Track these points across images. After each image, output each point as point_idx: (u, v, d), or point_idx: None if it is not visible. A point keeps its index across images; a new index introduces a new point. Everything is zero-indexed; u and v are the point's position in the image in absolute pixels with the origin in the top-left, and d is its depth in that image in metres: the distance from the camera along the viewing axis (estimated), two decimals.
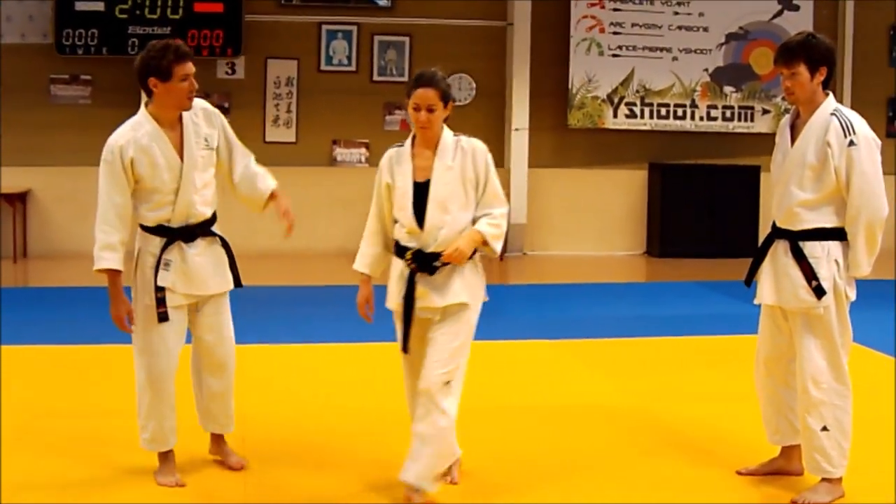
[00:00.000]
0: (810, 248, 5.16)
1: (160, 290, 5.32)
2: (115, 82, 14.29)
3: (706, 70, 15.27)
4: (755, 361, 5.58)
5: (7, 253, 13.55)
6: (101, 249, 5.25)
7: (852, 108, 5.33)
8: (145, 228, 5.41)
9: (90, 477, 5.48)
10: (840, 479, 5.26)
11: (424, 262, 5.11)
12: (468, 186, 5.22)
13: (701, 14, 15.20)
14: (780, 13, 15.41)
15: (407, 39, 14.95)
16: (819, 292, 5.13)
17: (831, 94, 5.25)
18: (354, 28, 14.82)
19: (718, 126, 15.27)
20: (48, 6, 14.04)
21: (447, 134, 5.38)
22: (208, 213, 5.48)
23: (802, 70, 5.15)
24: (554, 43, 15.02)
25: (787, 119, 5.39)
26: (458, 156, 5.27)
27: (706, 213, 14.87)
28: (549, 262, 14.62)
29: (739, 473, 5.61)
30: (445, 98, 5.34)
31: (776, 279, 5.29)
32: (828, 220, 5.16)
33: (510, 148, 14.99)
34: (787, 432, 5.49)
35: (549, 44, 14.99)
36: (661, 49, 15.14)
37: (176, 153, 5.34)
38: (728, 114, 15.32)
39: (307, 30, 14.66)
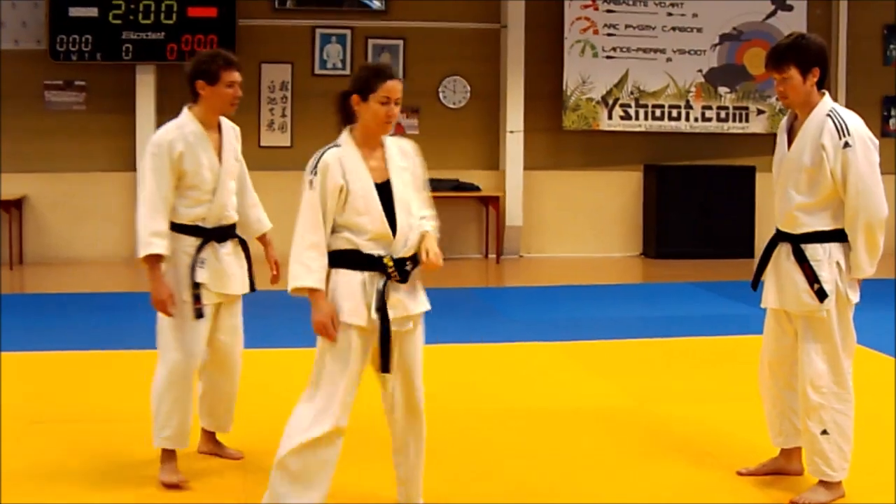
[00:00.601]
0: (811, 251, 5.14)
1: (197, 287, 5.48)
2: (109, 88, 14.30)
3: (700, 71, 15.29)
4: (759, 363, 5.54)
5: (3, 259, 13.53)
6: (151, 236, 5.37)
7: (847, 107, 5.31)
8: (179, 228, 5.53)
9: (88, 481, 5.47)
10: (840, 481, 5.24)
11: (402, 270, 4.76)
12: (417, 187, 4.97)
13: (695, 15, 15.22)
14: (773, 13, 15.42)
15: (401, 42, 14.94)
16: (821, 295, 5.11)
17: (827, 94, 5.21)
18: (348, 32, 14.82)
19: (713, 127, 15.28)
20: (42, 12, 14.03)
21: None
22: (235, 218, 5.72)
23: (794, 73, 5.11)
24: (548, 45, 15.02)
25: (785, 121, 5.36)
26: (402, 155, 4.96)
27: (702, 214, 14.88)
28: (545, 265, 14.62)
29: (740, 474, 5.59)
30: None
31: (779, 282, 5.27)
32: (827, 224, 5.12)
33: (505, 150, 14.98)
34: (790, 434, 5.47)
35: (544, 46, 15.00)
36: (655, 50, 15.16)
37: (215, 155, 5.59)
38: (722, 114, 15.32)
39: (301, 34, 14.65)
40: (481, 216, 15.11)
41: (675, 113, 15.20)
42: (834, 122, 5.08)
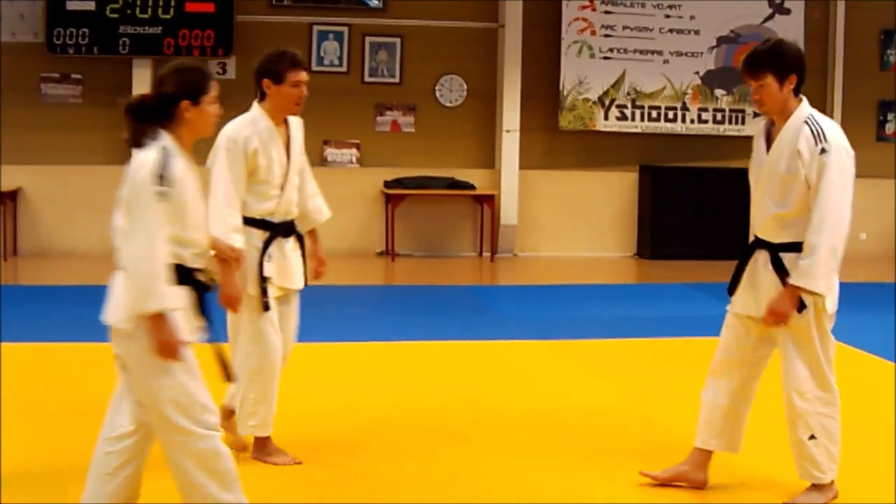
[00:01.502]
0: (790, 261, 5.07)
1: (265, 281, 5.61)
2: (105, 82, 14.27)
3: (697, 73, 15.30)
4: (711, 362, 5.45)
5: None
6: (232, 231, 5.46)
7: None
8: (249, 222, 5.64)
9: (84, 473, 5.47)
10: (832, 482, 5.23)
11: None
12: None
13: (692, 17, 15.23)
14: (771, 17, 15.44)
15: (398, 40, 14.95)
16: (800, 306, 5.05)
17: (805, 100, 5.14)
18: (346, 29, 14.82)
19: (709, 129, 15.29)
20: (39, 5, 14.02)
21: None
22: (297, 213, 5.85)
23: (770, 80, 5.03)
24: (545, 45, 15.03)
25: (762, 127, 5.30)
26: None
27: (697, 216, 14.90)
28: (539, 264, 14.63)
29: (643, 474, 5.49)
30: None
31: (755, 290, 5.20)
32: (804, 235, 5.02)
33: (501, 149, 14.99)
34: (725, 439, 5.37)
35: (541, 46, 15.01)
36: (653, 52, 15.17)
37: (284, 151, 5.72)
38: (719, 117, 15.34)
39: (298, 30, 14.65)
40: (476, 215, 15.11)
41: (671, 114, 15.21)
42: (811, 128, 5.02)
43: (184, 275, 4.34)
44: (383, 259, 14.44)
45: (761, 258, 5.20)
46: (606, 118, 15.15)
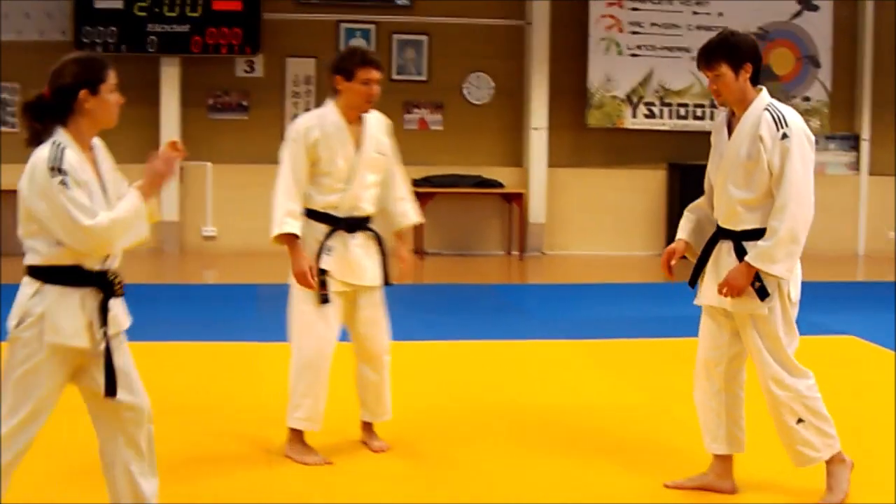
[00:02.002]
0: (752, 248, 5.03)
1: (322, 273, 5.71)
2: (133, 80, 14.26)
3: None
4: (696, 364, 5.43)
5: None
6: (285, 216, 5.66)
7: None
8: (312, 214, 5.78)
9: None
10: (841, 455, 5.23)
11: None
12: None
13: (720, 14, 15.15)
14: (799, 13, 15.35)
15: (425, 38, 14.94)
16: (762, 293, 5.02)
17: (764, 90, 5.13)
18: (373, 27, 14.82)
19: None
20: (67, 4, 14.09)
21: None
22: (370, 211, 5.89)
23: (725, 70, 5.02)
24: (572, 42, 14.99)
25: (721, 118, 5.27)
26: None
27: None
28: (567, 262, 14.60)
29: (667, 486, 5.44)
30: None
31: (719, 280, 5.15)
32: (767, 221, 5.01)
33: (529, 147, 14.97)
34: (724, 440, 5.33)
35: (568, 43, 14.97)
36: (680, 49, 15.10)
37: (353, 147, 5.78)
38: None
39: (325, 28, 14.66)
40: (504, 213, 15.10)
41: (699, 112, 15.15)
42: (772, 114, 5.01)
43: (83, 277, 4.23)
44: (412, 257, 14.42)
45: (724, 247, 5.18)
46: (634, 116, 15.10)
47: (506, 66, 15.11)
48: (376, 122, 5.94)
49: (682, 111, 15.12)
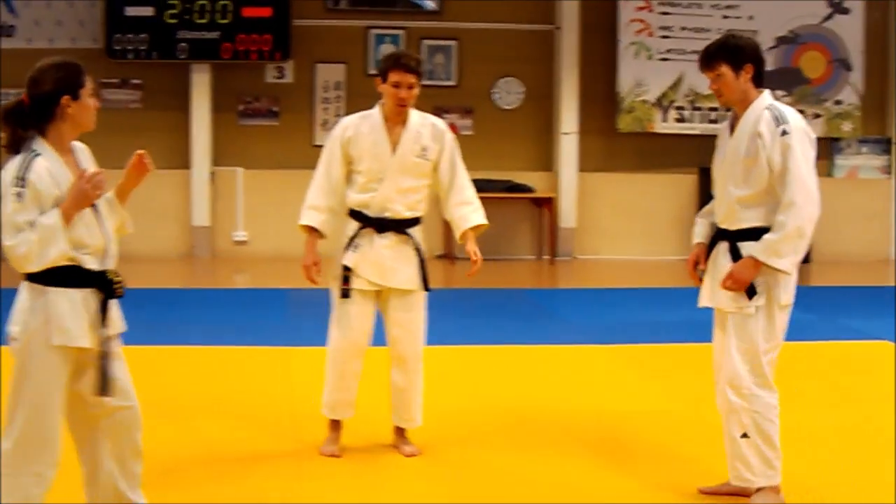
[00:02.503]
0: (747, 249, 5.02)
1: (346, 269, 5.84)
2: (164, 86, 14.42)
3: None
4: (714, 373, 5.37)
5: None
6: (306, 209, 5.91)
7: None
8: (349, 212, 5.93)
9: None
10: (777, 487, 5.11)
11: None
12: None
13: (750, 17, 15.09)
14: (830, 16, 15.27)
15: (454, 43, 14.94)
16: (750, 292, 5.00)
17: (766, 92, 5.13)
18: (402, 32, 14.83)
19: None
20: (99, 11, 14.15)
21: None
22: (406, 214, 5.92)
23: (726, 70, 5.07)
24: (602, 46, 14.96)
25: (726, 122, 5.30)
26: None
27: None
28: (598, 266, 14.57)
29: (701, 492, 5.41)
30: None
31: (714, 280, 5.15)
32: (762, 220, 5.00)
33: (559, 152, 14.95)
34: None
35: (598, 47, 14.94)
36: None
37: (390, 148, 5.87)
38: None
39: (355, 34, 14.69)
40: (535, 217, 15.08)
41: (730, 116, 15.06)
42: (772, 113, 5.02)
43: (81, 276, 4.27)
44: (443, 262, 14.42)
45: (721, 248, 5.17)
46: (665, 120, 15.05)
47: (535, 71, 15.10)
48: (425, 127, 5.98)
49: (713, 115, 15.04)
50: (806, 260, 16.17)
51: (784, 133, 4.94)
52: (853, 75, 15.27)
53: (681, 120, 15.09)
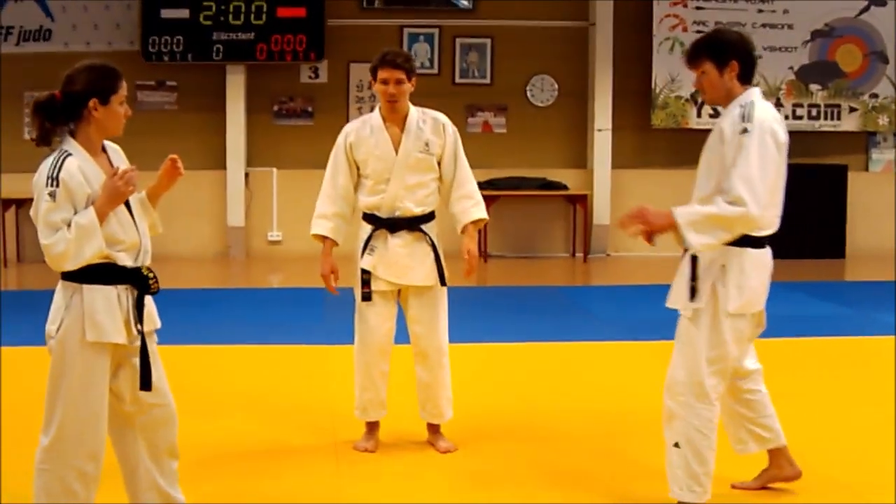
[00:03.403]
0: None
1: (365, 273, 5.94)
2: (199, 88, 14.51)
3: (791, 68, 15.08)
4: None
5: None
6: (316, 218, 6.05)
7: None
8: (363, 216, 6.04)
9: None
10: None
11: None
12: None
13: (785, 11, 15.01)
14: (866, 9, 15.17)
15: (488, 41, 14.95)
16: (692, 293, 4.86)
17: (753, 89, 4.97)
18: (436, 31, 14.86)
19: (804, 125, 15.07)
20: (135, 14, 14.25)
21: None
22: (417, 211, 5.96)
23: (709, 68, 4.92)
24: (636, 43, 14.92)
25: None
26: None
27: (792, 213, 14.53)
28: (632, 264, 14.54)
29: (734, 487, 5.36)
30: None
31: (676, 279, 5.01)
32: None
33: (593, 148, 14.93)
34: (748, 441, 5.23)
35: (632, 43, 14.90)
36: None
37: (393, 148, 5.92)
38: (814, 112, 15.12)
39: (389, 33, 14.72)
40: (569, 215, 15.07)
41: None
42: (741, 111, 4.82)
43: (116, 273, 4.34)
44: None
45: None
46: (699, 116, 15.00)
47: (569, 68, 15.09)
48: (426, 123, 6.00)
49: None
50: (840, 254, 16.03)
51: (744, 131, 4.74)
52: (890, 68, 15.16)
53: (715, 115, 14.92)
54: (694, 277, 4.87)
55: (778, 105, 14.88)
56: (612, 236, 15.07)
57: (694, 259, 4.90)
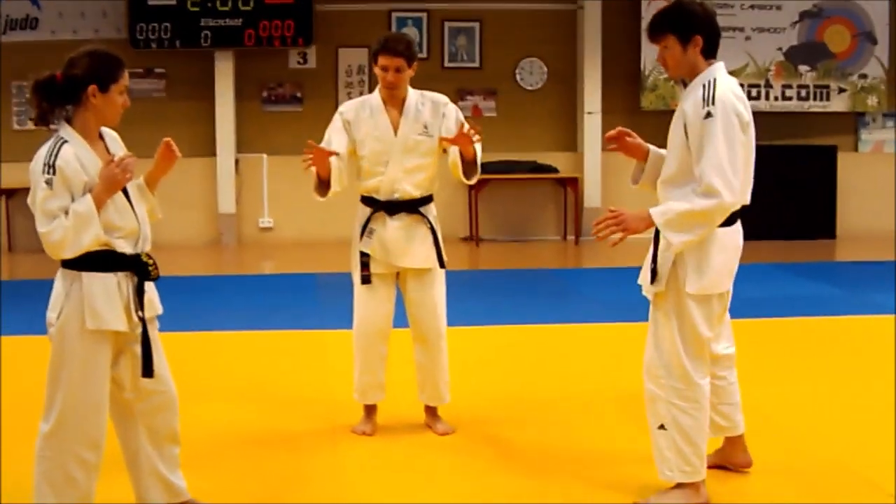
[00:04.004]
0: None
1: (364, 255, 5.97)
2: (188, 75, 14.48)
3: (780, 49, 15.08)
4: None
5: None
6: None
7: None
8: (361, 198, 6.05)
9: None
10: (697, 485, 4.86)
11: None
12: None
13: None
14: None
15: (477, 25, 14.94)
16: (652, 275, 4.81)
17: (717, 65, 4.80)
18: (424, 14, 14.84)
19: (793, 106, 15.08)
20: (122, 2, 14.21)
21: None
22: (415, 194, 5.98)
23: (672, 42, 4.76)
24: (625, 25, 14.91)
25: None
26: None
27: (782, 195, 14.67)
28: (624, 246, 14.43)
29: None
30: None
31: (646, 265, 4.94)
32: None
33: (583, 132, 14.94)
34: (712, 425, 5.12)
35: (621, 26, 14.90)
36: (734, 29, 14.97)
37: (392, 130, 5.96)
38: (803, 93, 15.12)
39: (377, 18, 14.69)
40: (559, 198, 15.08)
41: (754, 92, 15.01)
42: (704, 90, 4.66)
43: (115, 260, 4.35)
44: (467, 244, 14.46)
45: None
46: None
47: (558, 51, 15.08)
48: (424, 105, 6.06)
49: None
50: (831, 235, 16.05)
51: (708, 116, 4.59)
52: (878, 49, 15.18)
53: None
54: (655, 260, 4.82)
55: (767, 86, 14.93)
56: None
57: (657, 241, 4.83)
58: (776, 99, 15.05)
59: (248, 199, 14.78)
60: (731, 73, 4.96)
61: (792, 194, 14.77)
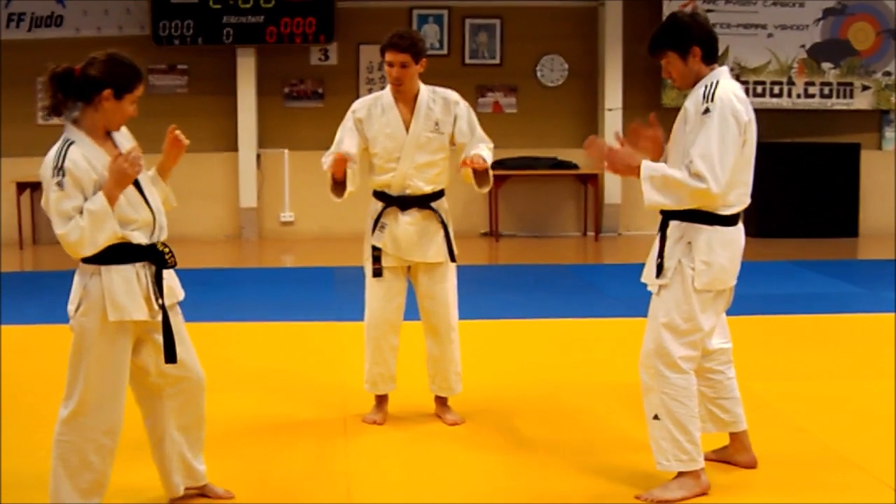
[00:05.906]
0: (671, 226, 4.92)
1: (375, 249, 6.02)
2: (210, 71, 14.54)
3: (803, 46, 15.03)
4: None
5: None
6: (325, 157, 6.03)
7: None
8: (373, 193, 6.11)
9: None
10: (697, 473, 4.94)
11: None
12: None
13: None
14: None
15: (498, 22, 14.95)
16: (658, 270, 4.90)
17: (719, 69, 4.97)
18: (445, 12, 14.86)
19: (816, 103, 15.02)
20: (145, 0, 14.26)
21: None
22: (427, 189, 6.03)
23: (673, 57, 4.94)
24: (646, 21, 14.82)
25: None
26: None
27: (804, 192, 14.63)
28: (644, 242, 14.40)
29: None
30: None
31: (652, 260, 5.03)
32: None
33: (604, 128, 14.92)
34: (706, 420, 5.21)
35: (642, 22, 14.83)
36: (756, 26, 14.94)
37: (403, 127, 5.99)
38: (826, 90, 15.07)
39: (398, 15, 14.71)
40: (580, 194, 15.09)
41: (777, 89, 14.97)
42: (705, 89, 4.84)
43: (132, 252, 4.43)
44: (487, 240, 14.48)
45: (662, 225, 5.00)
46: None
47: (579, 48, 15.08)
48: (436, 102, 6.06)
49: (759, 89, 14.95)
50: (853, 233, 15.96)
51: (706, 111, 4.77)
52: None
53: None
54: (661, 254, 4.92)
55: (790, 83, 14.89)
56: (624, 215, 15.09)
57: (663, 237, 4.95)
58: (799, 96, 15.01)
59: (270, 193, 14.83)
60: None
61: (814, 192, 14.73)
